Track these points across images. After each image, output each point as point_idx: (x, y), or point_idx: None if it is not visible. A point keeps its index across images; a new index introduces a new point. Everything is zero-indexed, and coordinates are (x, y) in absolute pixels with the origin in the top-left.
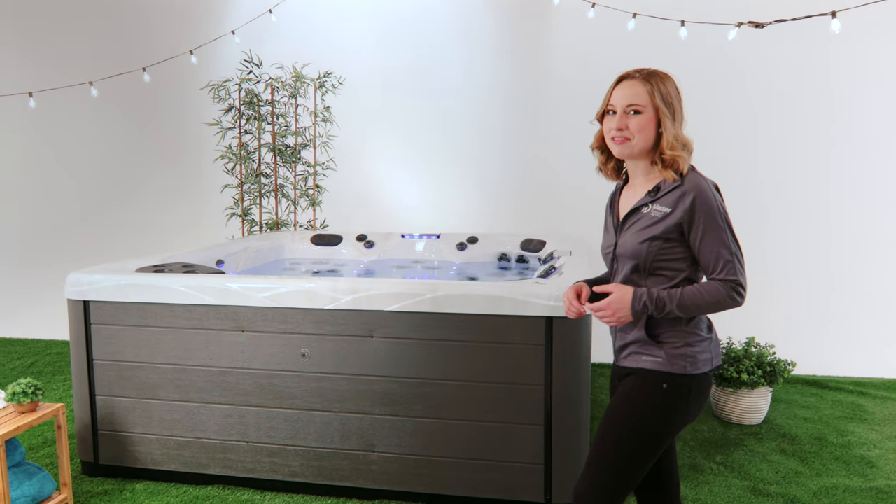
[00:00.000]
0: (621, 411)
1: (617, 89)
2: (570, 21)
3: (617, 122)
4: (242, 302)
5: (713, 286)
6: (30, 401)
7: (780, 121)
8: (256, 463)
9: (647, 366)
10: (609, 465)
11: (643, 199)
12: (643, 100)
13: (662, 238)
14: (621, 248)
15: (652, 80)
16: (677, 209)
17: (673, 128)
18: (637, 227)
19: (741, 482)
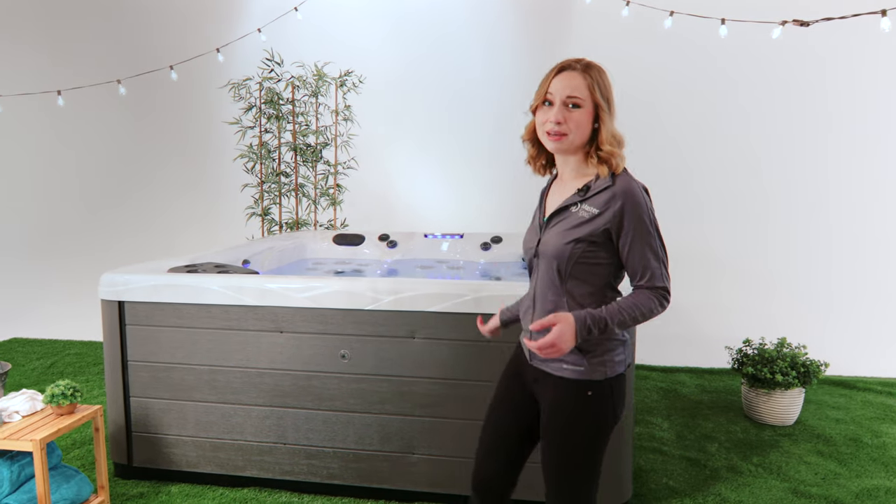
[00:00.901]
0: (568, 434)
1: (556, 79)
2: (590, 20)
3: (555, 115)
4: (281, 302)
5: (644, 296)
6: (69, 403)
7: (823, 121)
8: (294, 465)
9: (568, 375)
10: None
11: (572, 198)
12: (583, 93)
13: (587, 241)
14: (544, 247)
15: (591, 73)
16: (606, 212)
17: (609, 123)
18: (562, 227)
19: (781, 483)
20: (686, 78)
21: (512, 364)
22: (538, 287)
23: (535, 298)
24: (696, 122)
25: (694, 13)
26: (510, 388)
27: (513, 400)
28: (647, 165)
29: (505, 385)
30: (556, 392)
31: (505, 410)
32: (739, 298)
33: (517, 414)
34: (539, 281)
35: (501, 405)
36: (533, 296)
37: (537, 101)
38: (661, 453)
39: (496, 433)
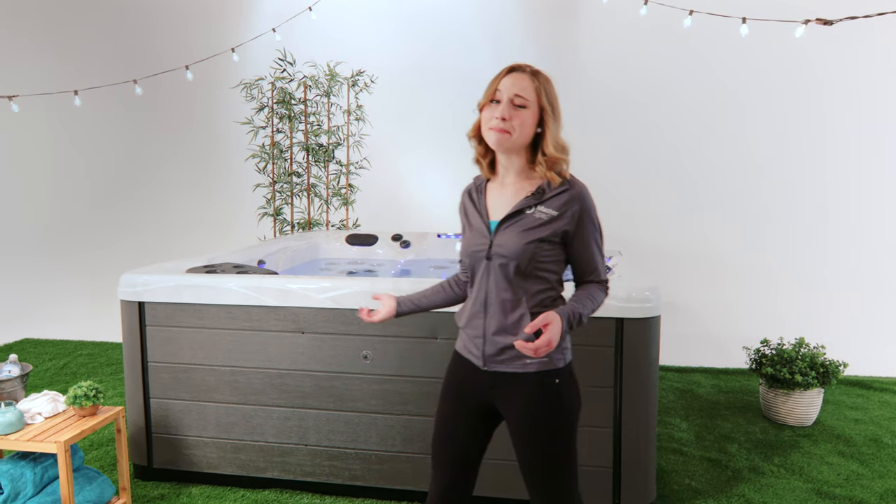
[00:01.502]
0: (543, 426)
1: (506, 79)
2: (598, 18)
3: (501, 111)
4: (303, 303)
5: (596, 290)
6: (91, 404)
7: (843, 121)
8: (316, 466)
9: (534, 368)
10: (568, 476)
11: (527, 201)
12: (530, 95)
13: (547, 241)
14: (501, 249)
15: (539, 78)
16: (566, 214)
17: (554, 128)
18: (519, 228)
19: (804, 484)
20: (696, 77)
21: (454, 377)
22: (490, 288)
23: (488, 300)
24: (709, 122)
25: (714, 12)
26: (458, 401)
27: (465, 413)
28: (660, 165)
29: (451, 399)
30: (525, 388)
31: (456, 423)
32: (752, 298)
33: (469, 425)
34: (492, 282)
35: (453, 419)
36: (484, 299)
37: (486, 99)
38: (681, 454)
39: (451, 446)
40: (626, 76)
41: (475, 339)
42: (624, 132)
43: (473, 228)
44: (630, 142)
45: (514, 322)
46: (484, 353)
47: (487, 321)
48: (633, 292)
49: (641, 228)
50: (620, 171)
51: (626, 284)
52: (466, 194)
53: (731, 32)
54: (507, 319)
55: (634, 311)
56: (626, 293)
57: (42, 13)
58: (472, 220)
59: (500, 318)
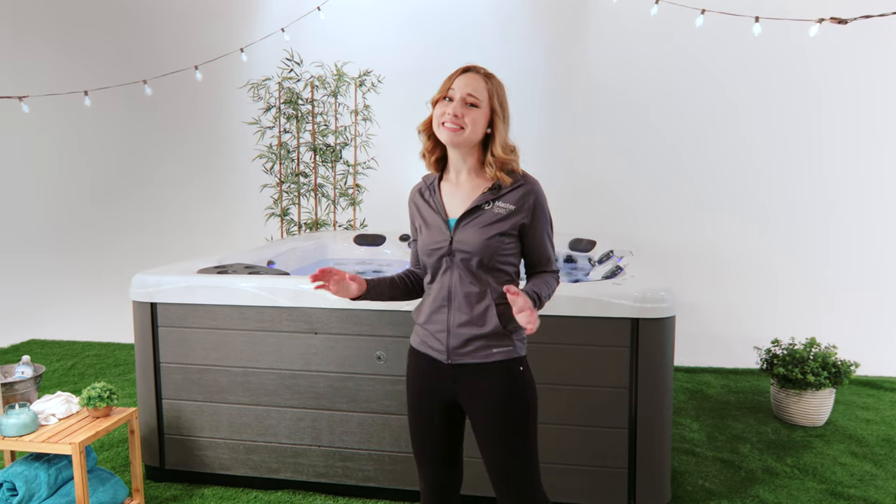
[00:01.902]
0: (510, 414)
1: (460, 78)
2: (607, 17)
3: (454, 108)
4: (316, 303)
5: (550, 278)
6: (105, 405)
7: (853, 120)
8: (329, 468)
9: (500, 357)
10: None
11: (484, 197)
12: (482, 95)
13: (507, 234)
14: (462, 244)
15: (492, 81)
16: (523, 208)
17: (503, 130)
18: (479, 224)
19: (818, 485)
20: (703, 76)
21: (416, 375)
22: (454, 283)
23: (451, 295)
24: (716, 121)
25: (727, 11)
26: (425, 399)
27: (433, 412)
28: (664, 164)
29: (417, 397)
30: (493, 377)
31: (428, 422)
32: (759, 298)
33: (439, 424)
34: (455, 277)
35: (423, 418)
36: (447, 293)
37: (439, 95)
38: (694, 455)
39: (430, 445)
40: (633, 75)
41: (438, 333)
42: (630, 131)
43: (431, 226)
44: (635, 141)
45: (479, 314)
46: (448, 346)
47: (451, 315)
48: (648, 293)
49: (646, 228)
50: (626, 170)
51: (640, 285)
52: (417, 193)
53: (738, 32)
54: (473, 311)
55: (649, 312)
56: (641, 293)
57: (50, 14)
58: (428, 218)
59: (466, 311)
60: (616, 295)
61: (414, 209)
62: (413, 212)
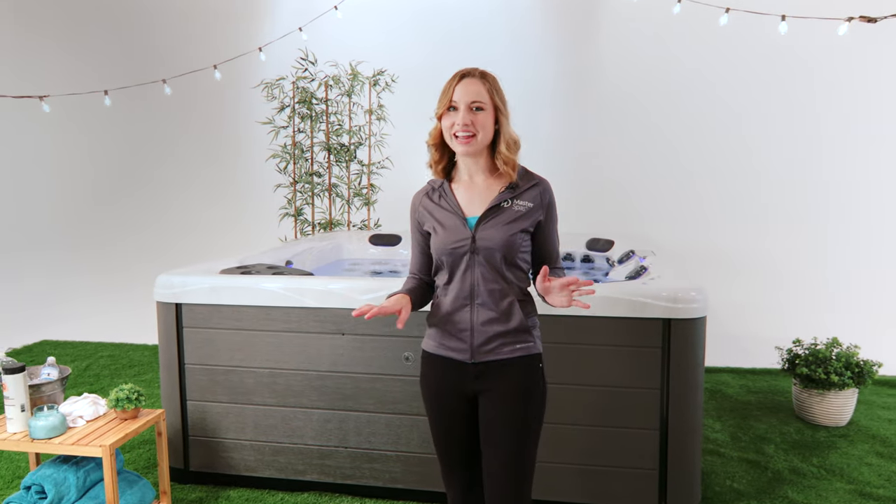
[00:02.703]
0: (526, 409)
1: (459, 87)
2: (618, 15)
3: (462, 118)
4: (343, 304)
5: (560, 274)
6: (133, 407)
7: (876, 121)
8: (356, 469)
9: (521, 353)
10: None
11: (503, 195)
12: (484, 97)
13: (526, 231)
14: (486, 241)
15: (488, 79)
16: (541, 205)
17: (507, 125)
18: (501, 221)
19: (846, 486)
20: (718, 75)
21: (434, 380)
22: (476, 281)
23: (474, 293)
24: (727, 122)
25: (752, 10)
26: (446, 402)
27: (458, 413)
28: (677, 164)
29: (439, 402)
30: (514, 373)
31: (454, 425)
32: (773, 298)
33: (466, 424)
34: (477, 275)
35: (449, 422)
36: (469, 291)
37: (442, 108)
38: (719, 455)
39: (458, 449)
40: (645, 75)
41: (460, 332)
42: (642, 131)
43: (448, 227)
44: (647, 141)
45: (504, 310)
46: (472, 344)
47: (475, 312)
48: (680, 293)
49: (658, 227)
50: (637, 170)
51: (671, 285)
52: (424, 197)
53: (755, 30)
54: (498, 308)
55: (681, 312)
56: (672, 294)
57: (60, 15)
58: (442, 219)
59: (490, 308)
60: (648, 295)
61: (423, 212)
62: (422, 215)
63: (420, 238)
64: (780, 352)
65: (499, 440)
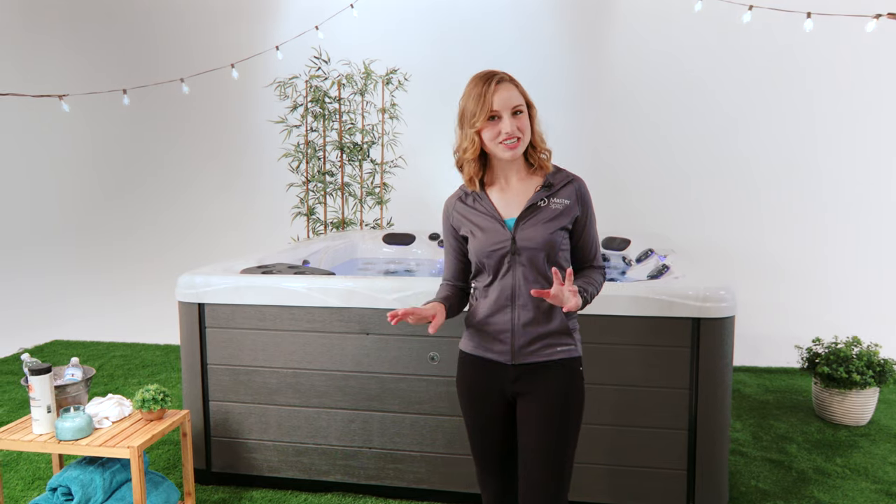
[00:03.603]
0: (566, 412)
1: (496, 95)
2: (630, 13)
3: (510, 125)
4: (368, 304)
5: (599, 275)
6: (159, 408)
7: (886, 119)
8: (380, 470)
9: (562, 356)
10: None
11: (539, 195)
12: (521, 100)
13: (565, 228)
14: (527, 241)
15: (515, 80)
16: (577, 202)
17: (537, 121)
18: (540, 220)
19: (872, 485)
20: (729, 72)
21: (473, 382)
22: (518, 282)
23: (515, 293)
24: (740, 120)
25: (776, 7)
26: (485, 406)
27: (497, 416)
28: (690, 162)
29: (478, 405)
30: (554, 376)
31: (493, 429)
32: (785, 296)
33: (505, 427)
34: (519, 275)
35: (487, 425)
36: (511, 292)
37: (483, 119)
38: (741, 455)
39: (496, 452)
40: (661, 71)
41: (501, 334)
42: (655, 129)
43: (486, 230)
44: (660, 139)
45: (545, 311)
46: (514, 345)
47: (516, 314)
48: (709, 292)
49: (672, 225)
50: (651, 168)
51: (699, 284)
52: (457, 202)
53: (772, 27)
54: (539, 309)
55: (711, 311)
56: (701, 293)
57: (65, 15)
58: (479, 222)
59: (532, 309)
60: (676, 294)
61: (458, 217)
62: (457, 220)
63: (455, 243)
64: (800, 351)
65: (536, 443)
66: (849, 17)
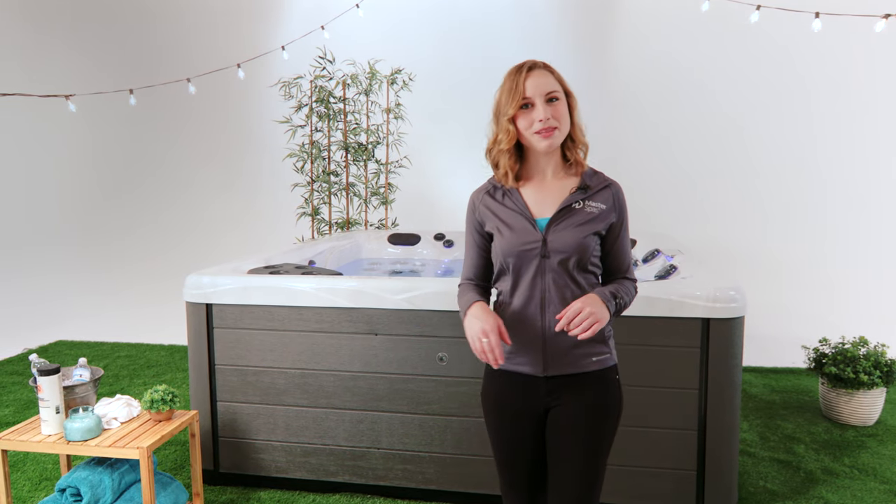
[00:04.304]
0: (602, 426)
1: (529, 81)
2: (633, 13)
3: (543, 112)
4: (377, 304)
5: (630, 286)
6: (168, 408)
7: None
8: (388, 470)
9: (597, 367)
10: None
11: (574, 196)
12: (556, 87)
13: (598, 234)
14: (558, 244)
15: (551, 68)
16: (613, 207)
17: (577, 113)
18: (573, 223)
19: (881, 485)
20: (731, 74)
21: (502, 395)
22: (548, 287)
23: (546, 300)
24: (745, 121)
25: (784, 7)
26: (515, 420)
27: (527, 432)
28: (692, 164)
29: (507, 419)
30: (589, 387)
31: (522, 445)
32: (789, 297)
33: (536, 442)
34: (549, 281)
35: (516, 441)
36: (540, 299)
37: (515, 107)
38: (749, 455)
39: (524, 468)
40: (663, 72)
41: (530, 343)
42: (658, 129)
43: (514, 228)
44: (663, 140)
45: None
46: (545, 356)
47: (547, 321)
48: (719, 292)
49: (675, 226)
50: (654, 168)
51: (709, 284)
52: (485, 195)
53: (778, 26)
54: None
55: (720, 312)
56: (711, 293)
57: (70, 15)
58: (508, 219)
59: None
60: (685, 294)
61: (485, 211)
62: (483, 214)
63: (479, 239)
64: (807, 351)
65: (570, 457)
66: (858, 17)
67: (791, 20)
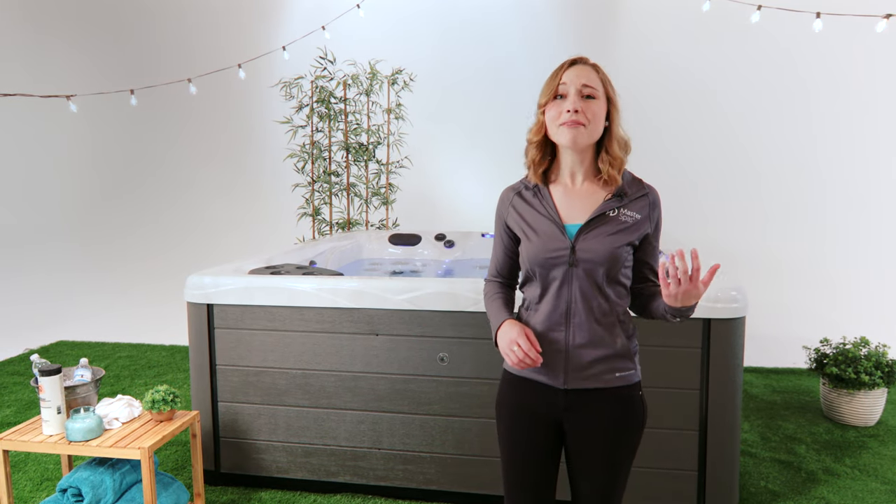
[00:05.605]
0: (623, 446)
1: (569, 72)
2: (635, 13)
3: (572, 104)
4: (378, 304)
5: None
6: (169, 409)
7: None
8: (389, 471)
9: (621, 382)
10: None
11: (609, 204)
12: (597, 85)
13: (631, 245)
14: (587, 253)
15: (600, 70)
16: (649, 217)
17: (619, 122)
18: (606, 232)
19: (882, 486)
20: (736, 75)
21: (519, 409)
22: (574, 297)
23: (571, 310)
24: (749, 123)
25: (785, 7)
26: (530, 432)
27: (541, 444)
28: (692, 165)
29: (521, 430)
30: (612, 404)
31: (536, 457)
32: (790, 297)
33: (549, 458)
34: (575, 290)
35: (529, 452)
36: (566, 309)
37: (548, 95)
38: (750, 455)
39: (535, 480)
40: (664, 73)
41: (553, 354)
42: (658, 130)
43: (542, 233)
44: (665, 141)
45: (604, 332)
46: (566, 368)
47: (571, 333)
48: (720, 292)
49: (675, 227)
50: (653, 169)
51: (714, 284)
52: (515, 195)
53: (780, 26)
54: (598, 330)
55: (721, 312)
56: (712, 293)
57: (76, 16)
58: (535, 224)
59: (588, 329)
60: None
61: (513, 212)
62: (511, 215)
63: (507, 240)
64: (808, 351)
65: (590, 474)
66: (859, 17)
67: (792, 20)
